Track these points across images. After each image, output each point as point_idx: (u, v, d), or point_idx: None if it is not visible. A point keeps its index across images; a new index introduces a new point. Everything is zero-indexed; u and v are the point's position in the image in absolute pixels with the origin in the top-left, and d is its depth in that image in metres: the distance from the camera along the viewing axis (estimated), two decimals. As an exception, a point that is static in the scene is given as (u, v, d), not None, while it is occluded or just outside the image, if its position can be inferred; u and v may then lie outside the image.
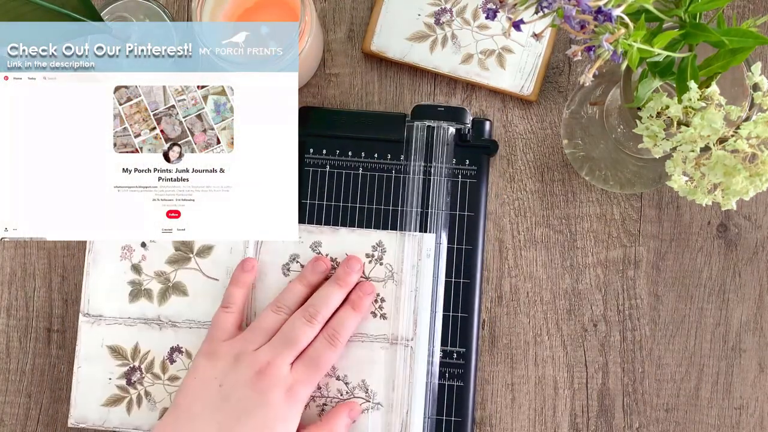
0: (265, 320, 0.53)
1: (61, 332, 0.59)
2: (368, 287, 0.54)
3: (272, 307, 0.53)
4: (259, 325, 0.53)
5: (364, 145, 0.58)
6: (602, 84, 0.54)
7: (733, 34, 0.41)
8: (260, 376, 0.50)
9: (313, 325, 0.52)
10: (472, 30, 0.59)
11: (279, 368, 0.50)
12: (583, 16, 0.37)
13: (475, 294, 0.57)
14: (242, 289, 0.55)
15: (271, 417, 0.49)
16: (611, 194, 0.59)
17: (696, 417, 0.58)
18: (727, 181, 0.41)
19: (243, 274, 0.55)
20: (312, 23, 0.52)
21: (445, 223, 0.57)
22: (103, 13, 0.54)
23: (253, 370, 0.50)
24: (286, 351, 0.51)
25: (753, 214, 0.59)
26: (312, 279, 0.55)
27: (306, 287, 0.54)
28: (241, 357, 0.51)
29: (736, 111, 0.42)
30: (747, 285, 0.58)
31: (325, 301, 0.53)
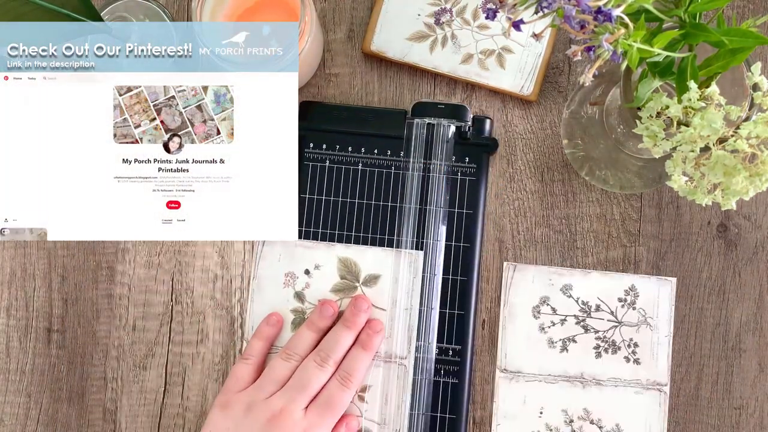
0: (277, 369, 0.53)
1: (61, 332, 0.59)
2: (377, 325, 0.55)
3: (282, 355, 0.54)
4: (271, 374, 0.53)
5: (364, 140, 0.58)
6: (602, 84, 0.54)
7: (733, 34, 0.41)
8: (273, 422, 0.50)
9: (325, 368, 0.52)
10: (472, 30, 0.59)
11: (292, 413, 0.51)
12: (583, 16, 0.37)
13: (472, 291, 0.57)
14: (263, 343, 0.55)
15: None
16: (611, 194, 0.59)
17: (696, 417, 0.58)
18: (727, 181, 0.41)
19: (267, 328, 0.56)
20: (312, 23, 0.52)
21: (444, 220, 0.57)
22: (103, 13, 0.54)
23: (266, 417, 0.50)
24: (299, 396, 0.51)
25: (753, 214, 0.59)
26: (321, 324, 0.55)
27: (315, 333, 0.55)
28: (254, 406, 0.51)
29: (736, 111, 0.42)
30: (747, 285, 0.58)
31: (335, 344, 0.53)
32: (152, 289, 0.59)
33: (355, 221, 0.58)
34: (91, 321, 0.59)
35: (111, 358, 0.58)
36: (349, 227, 0.58)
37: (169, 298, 0.59)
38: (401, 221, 0.57)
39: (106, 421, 0.58)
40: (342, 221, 0.58)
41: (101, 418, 0.58)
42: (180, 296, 0.59)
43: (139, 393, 0.58)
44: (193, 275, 0.59)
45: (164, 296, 0.59)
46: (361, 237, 0.58)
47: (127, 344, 0.59)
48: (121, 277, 0.59)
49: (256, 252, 0.57)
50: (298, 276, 0.57)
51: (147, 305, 0.59)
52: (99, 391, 0.58)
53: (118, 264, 0.59)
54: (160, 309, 0.59)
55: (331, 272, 0.57)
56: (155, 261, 0.59)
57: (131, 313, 0.59)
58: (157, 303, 0.59)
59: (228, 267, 0.59)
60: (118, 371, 0.58)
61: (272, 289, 0.57)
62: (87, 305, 0.59)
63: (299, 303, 0.57)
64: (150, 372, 0.58)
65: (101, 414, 0.58)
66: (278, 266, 0.57)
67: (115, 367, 0.58)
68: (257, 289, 0.57)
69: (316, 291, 0.57)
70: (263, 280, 0.57)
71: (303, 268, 0.57)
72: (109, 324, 0.59)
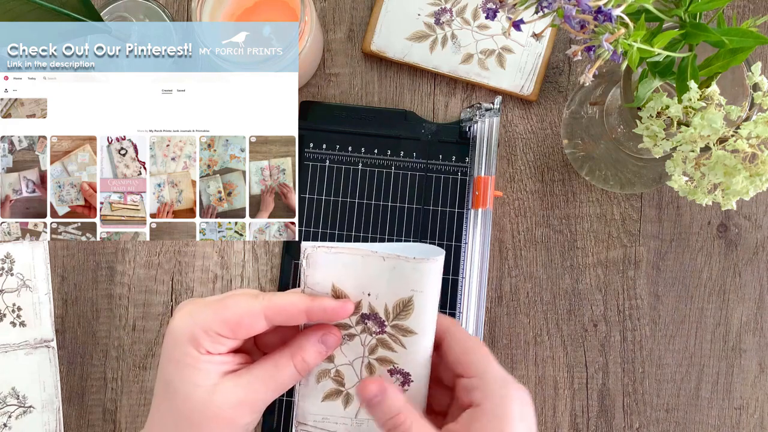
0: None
1: (61, 332, 0.59)
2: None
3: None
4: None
5: (364, 140, 0.58)
6: (602, 84, 0.54)
7: (733, 34, 0.41)
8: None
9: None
10: (472, 30, 0.59)
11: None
12: (583, 16, 0.37)
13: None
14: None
15: None
16: (611, 194, 0.59)
17: (696, 417, 0.58)
18: (727, 181, 0.41)
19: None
20: (312, 23, 0.52)
21: (443, 219, 0.57)
22: (103, 13, 0.54)
23: None
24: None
25: (753, 214, 0.59)
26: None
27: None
28: None
29: (736, 111, 0.42)
30: (747, 285, 0.58)
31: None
32: (152, 289, 0.59)
33: (355, 221, 0.58)
34: (91, 321, 0.59)
35: (111, 358, 0.58)
36: (349, 227, 0.58)
37: (169, 298, 0.59)
38: (401, 222, 0.57)
39: (106, 421, 0.58)
40: (342, 221, 0.58)
41: (101, 418, 0.58)
42: (180, 296, 0.59)
43: (139, 393, 0.58)
44: (193, 275, 0.59)
45: (164, 296, 0.59)
46: (361, 237, 0.58)
47: (127, 344, 0.58)
48: (121, 277, 0.59)
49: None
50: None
51: (147, 305, 0.59)
52: (99, 391, 0.58)
53: (118, 264, 0.59)
54: (160, 309, 0.59)
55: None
56: (155, 261, 0.59)
57: (131, 313, 0.59)
58: (157, 303, 0.59)
59: (228, 267, 0.59)
60: (118, 371, 0.58)
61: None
62: (87, 305, 0.59)
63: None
64: (150, 372, 0.58)
65: (101, 414, 0.58)
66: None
67: (115, 367, 0.58)
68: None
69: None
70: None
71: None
72: (109, 324, 0.59)
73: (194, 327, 0.41)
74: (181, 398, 0.41)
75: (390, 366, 0.45)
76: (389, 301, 0.43)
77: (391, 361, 0.45)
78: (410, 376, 0.45)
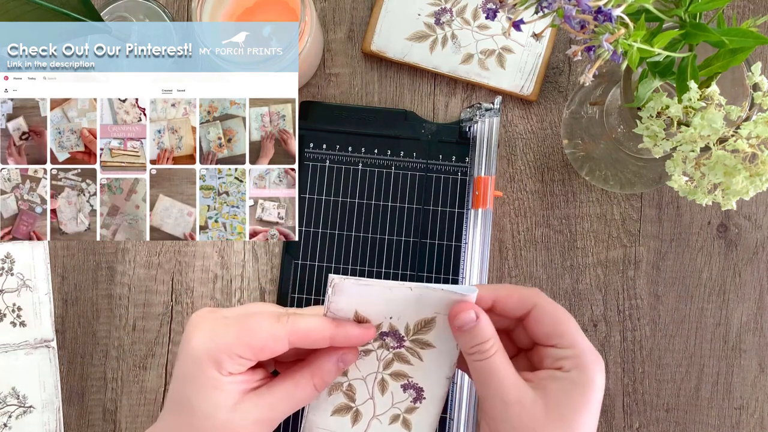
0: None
1: (61, 332, 0.59)
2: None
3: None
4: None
5: (364, 140, 0.58)
6: (602, 84, 0.54)
7: (733, 34, 0.41)
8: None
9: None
10: (472, 30, 0.59)
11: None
12: (583, 16, 0.37)
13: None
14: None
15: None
16: (611, 194, 0.59)
17: (696, 417, 0.58)
18: (727, 181, 0.41)
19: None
20: (312, 23, 0.52)
21: (443, 219, 0.57)
22: (103, 13, 0.54)
23: None
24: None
25: (753, 214, 0.59)
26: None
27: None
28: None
29: (736, 111, 0.42)
30: (747, 285, 0.58)
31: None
32: (152, 289, 0.59)
33: (355, 221, 0.58)
34: (91, 321, 0.59)
35: (111, 358, 0.58)
36: (349, 227, 0.58)
37: (169, 298, 0.59)
38: (401, 221, 0.57)
39: (106, 421, 0.58)
40: (342, 221, 0.58)
41: (101, 418, 0.58)
42: (180, 296, 0.59)
43: (139, 393, 0.58)
44: (193, 275, 0.59)
45: (164, 296, 0.59)
46: (361, 237, 0.58)
47: (127, 344, 0.58)
48: (121, 277, 0.59)
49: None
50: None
51: (147, 305, 0.59)
52: (99, 391, 0.58)
53: (118, 264, 0.59)
54: (160, 309, 0.59)
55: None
56: (155, 261, 0.59)
57: (131, 314, 0.59)
58: (157, 303, 0.59)
59: (228, 267, 0.59)
60: (118, 371, 0.58)
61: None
62: (87, 305, 0.59)
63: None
64: (150, 372, 0.58)
65: (101, 414, 0.58)
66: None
67: (115, 368, 0.58)
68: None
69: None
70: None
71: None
72: (109, 324, 0.59)
73: (216, 351, 0.41)
74: (200, 417, 0.41)
75: (404, 380, 0.45)
76: (411, 320, 0.44)
77: (406, 375, 0.45)
78: (423, 393, 0.45)
